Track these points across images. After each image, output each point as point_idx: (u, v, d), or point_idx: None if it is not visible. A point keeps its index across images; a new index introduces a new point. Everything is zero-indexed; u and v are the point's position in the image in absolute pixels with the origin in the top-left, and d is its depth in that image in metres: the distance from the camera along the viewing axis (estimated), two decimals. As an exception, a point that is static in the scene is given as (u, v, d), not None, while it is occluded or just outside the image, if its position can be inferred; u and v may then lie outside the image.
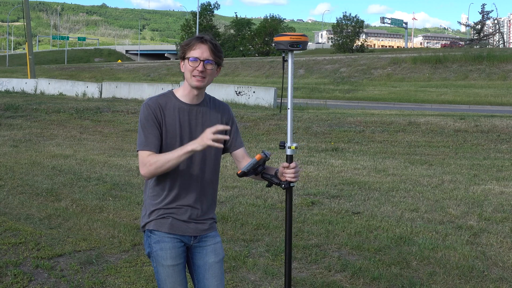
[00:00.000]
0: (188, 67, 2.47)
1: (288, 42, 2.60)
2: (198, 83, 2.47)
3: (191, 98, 2.54)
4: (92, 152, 11.04)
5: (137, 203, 6.81)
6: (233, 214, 6.24)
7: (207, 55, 2.45)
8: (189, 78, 2.48)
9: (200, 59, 2.45)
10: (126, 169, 9.11)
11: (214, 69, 2.51)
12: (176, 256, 2.53)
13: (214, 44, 2.48)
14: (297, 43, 2.61)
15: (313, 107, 18.07)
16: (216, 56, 2.49)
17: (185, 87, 2.54)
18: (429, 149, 11.41)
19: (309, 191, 7.52)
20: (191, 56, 2.45)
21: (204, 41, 2.47)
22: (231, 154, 2.74)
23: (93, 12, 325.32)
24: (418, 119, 13.98)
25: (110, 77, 43.81)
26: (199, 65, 2.44)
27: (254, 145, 11.75)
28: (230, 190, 7.53)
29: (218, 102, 2.68)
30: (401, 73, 34.96)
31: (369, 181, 8.21)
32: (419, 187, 7.79)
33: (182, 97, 2.54)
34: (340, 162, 9.84)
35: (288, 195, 2.71)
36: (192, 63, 2.45)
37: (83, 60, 77.65)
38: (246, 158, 2.71)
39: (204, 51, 2.45)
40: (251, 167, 2.57)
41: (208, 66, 2.47)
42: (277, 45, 2.66)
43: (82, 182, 8.00)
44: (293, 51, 2.67)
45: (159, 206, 2.53)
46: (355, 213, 6.42)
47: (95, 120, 16.05)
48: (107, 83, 25.10)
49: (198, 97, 2.55)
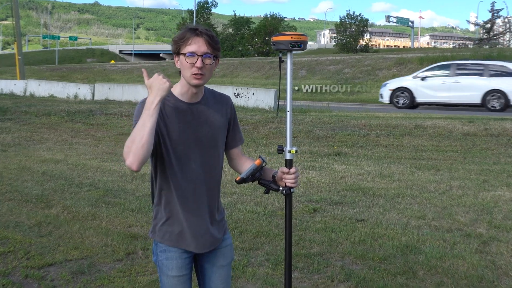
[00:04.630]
0: (185, 64, 2.39)
1: (289, 42, 2.58)
2: (198, 81, 2.40)
3: (190, 96, 2.47)
4: (84, 157, 11.06)
5: (131, 210, 6.82)
6: (232, 222, 6.25)
7: (204, 49, 2.38)
8: (188, 76, 2.41)
9: (197, 54, 2.37)
10: (120, 174, 9.12)
11: (213, 63, 2.44)
12: (182, 267, 2.52)
13: (210, 36, 2.41)
14: (297, 42, 2.59)
15: (315, 110, 18.08)
16: (214, 49, 2.42)
17: (183, 85, 2.47)
18: (436, 154, 11.42)
19: (311, 197, 7.54)
20: (188, 52, 2.37)
21: (200, 34, 2.39)
22: (226, 152, 2.68)
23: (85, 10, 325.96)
24: (424, 122, 14.00)
25: (103, 78, 43.85)
26: (197, 60, 2.37)
27: (253, 150, 11.76)
28: (228, 196, 7.55)
29: (218, 95, 2.64)
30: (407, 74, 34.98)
31: (373, 187, 8.23)
32: (426, 193, 7.81)
33: (180, 96, 2.47)
34: (344, 167, 9.86)
35: (288, 202, 2.70)
36: (189, 59, 2.37)
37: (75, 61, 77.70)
38: (240, 157, 2.68)
39: (201, 45, 2.38)
40: (251, 173, 2.55)
41: (207, 61, 2.40)
42: (276, 45, 2.62)
43: (73, 188, 8.01)
44: (292, 51, 2.65)
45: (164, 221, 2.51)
46: (359, 220, 6.43)
47: (87, 123, 16.07)
48: (100, 85, 25.12)
49: (197, 94, 2.49)
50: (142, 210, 6.80)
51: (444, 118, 14.94)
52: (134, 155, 2.21)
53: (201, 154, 2.49)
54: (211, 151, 2.53)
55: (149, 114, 2.22)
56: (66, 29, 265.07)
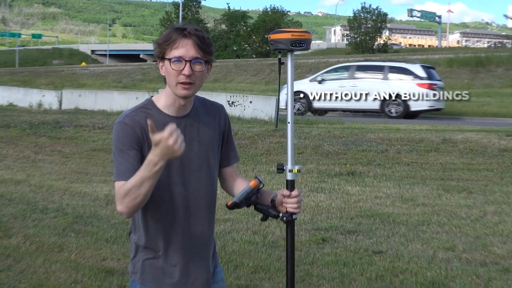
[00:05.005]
0: (170, 71, 2.37)
1: (289, 40, 2.57)
2: (186, 91, 2.39)
3: (177, 109, 2.46)
4: (49, 177, 11.08)
5: (106, 240, 6.83)
6: (225, 254, 6.27)
7: (193, 53, 2.36)
8: (174, 85, 2.39)
9: (185, 60, 2.35)
10: (92, 197, 9.14)
11: (204, 70, 2.41)
12: None
13: (200, 37, 2.38)
14: (299, 41, 2.58)
15: (324, 121, 18.16)
16: (205, 53, 2.39)
17: (168, 95, 2.46)
18: (468, 173, 11.46)
19: (319, 225, 7.57)
20: (173, 57, 2.35)
21: (188, 35, 2.37)
22: (218, 172, 2.68)
23: (51, 3, 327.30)
24: (454, 135, 14.07)
25: (72, 83, 43.93)
26: (185, 67, 2.35)
27: (250, 168, 11.80)
28: (221, 224, 7.57)
29: (209, 104, 2.63)
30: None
31: (393, 212, 8.26)
32: (455, 220, 7.84)
33: (165, 108, 2.46)
34: (358, 189, 9.90)
35: (289, 230, 2.68)
36: (175, 65, 2.35)
37: (39, 63, 77.93)
38: (235, 178, 2.70)
39: (189, 48, 2.36)
40: (244, 196, 2.54)
41: (197, 67, 2.37)
42: (274, 44, 2.62)
43: (37, 214, 8.03)
44: (294, 52, 2.64)
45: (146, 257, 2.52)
46: (376, 252, 6.46)
47: (54, 137, 16.10)
48: (69, 91, 25.21)
49: (186, 106, 2.47)
50: (119, 241, 6.81)
51: (477, 131, 15.01)
52: (127, 208, 2.26)
53: (191, 177, 2.50)
54: (202, 172, 2.53)
55: (149, 177, 2.17)
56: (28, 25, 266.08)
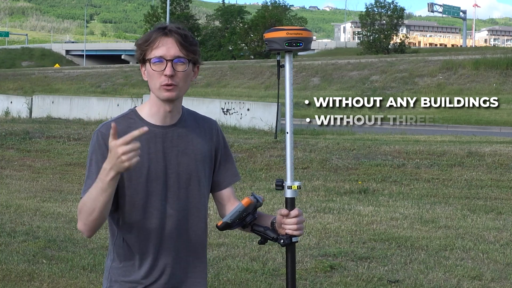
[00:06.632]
0: (151, 73, 2.45)
1: (284, 39, 2.61)
2: (169, 93, 2.45)
3: (162, 117, 2.51)
4: (18, 195, 11.08)
5: (82, 267, 6.84)
6: (219, 284, 6.28)
7: (175, 52, 2.44)
8: (156, 88, 2.46)
9: (165, 59, 2.43)
10: (67, 219, 9.14)
11: (188, 70, 2.49)
12: None
13: (182, 35, 2.47)
14: (296, 40, 2.61)
15: (332, 131, 18.21)
16: (188, 51, 2.48)
17: (152, 103, 2.52)
18: (497, 191, 11.49)
19: (326, 250, 7.57)
20: (154, 57, 2.44)
21: (168, 33, 2.46)
22: (214, 195, 2.71)
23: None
24: (481, 148, 14.10)
25: (44, 88, 44.00)
26: (166, 67, 2.43)
27: (248, 185, 11.81)
28: (214, 249, 7.57)
29: (200, 118, 2.67)
30: (458, 82, 35.23)
31: (411, 236, 8.28)
32: (482, 245, 7.86)
33: (149, 118, 2.52)
34: (371, 209, 9.91)
35: (289, 255, 2.71)
36: (156, 66, 2.44)
37: (6, 65, 77.91)
38: (232, 201, 2.70)
39: (170, 46, 2.44)
40: (237, 216, 2.53)
41: (179, 67, 2.45)
42: (269, 44, 2.66)
43: (4, 238, 8.03)
44: (292, 53, 2.67)
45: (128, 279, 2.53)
46: (392, 281, 6.48)
47: (23, 150, 16.12)
48: (40, 97, 25.27)
49: (172, 114, 2.52)
50: (97, 268, 6.82)
51: (507, 143, 15.05)
52: (85, 225, 2.38)
53: (178, 195, 2.52)
54: (191, 190, 2.56)
55: (102, 188, 2.26)
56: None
